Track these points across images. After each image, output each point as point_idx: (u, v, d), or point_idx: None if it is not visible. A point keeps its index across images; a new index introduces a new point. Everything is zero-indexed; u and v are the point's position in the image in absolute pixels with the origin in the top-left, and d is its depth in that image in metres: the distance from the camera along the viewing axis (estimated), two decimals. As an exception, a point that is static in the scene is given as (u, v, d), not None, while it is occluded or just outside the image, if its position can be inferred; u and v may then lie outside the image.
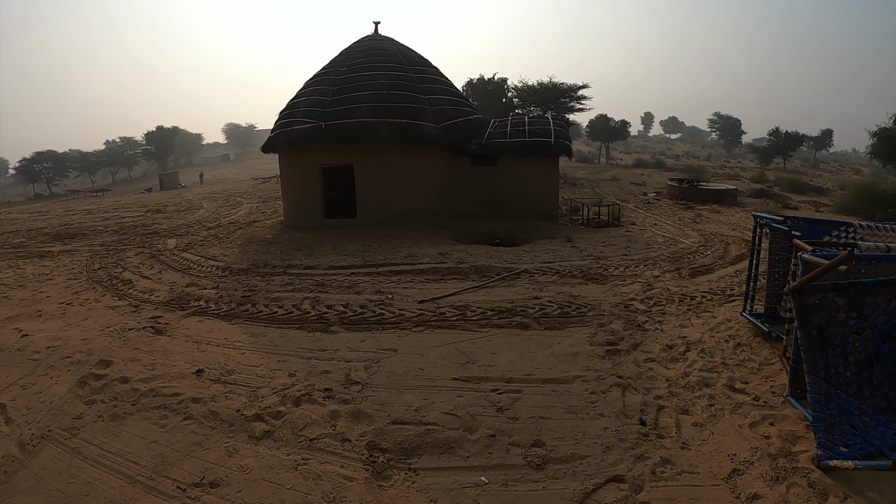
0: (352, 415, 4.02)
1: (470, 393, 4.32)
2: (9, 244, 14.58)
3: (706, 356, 5.01)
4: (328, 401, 4.27)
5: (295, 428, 3.87)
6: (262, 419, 4.01)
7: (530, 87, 40.14)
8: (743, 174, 40.27)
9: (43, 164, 66.15)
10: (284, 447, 3.64)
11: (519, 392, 4.29)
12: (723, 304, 6.78)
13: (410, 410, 4.06)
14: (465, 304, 6.63)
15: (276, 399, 4.33)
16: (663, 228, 14.07)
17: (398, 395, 4.35)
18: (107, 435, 3.93)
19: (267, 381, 4.74)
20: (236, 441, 3.74)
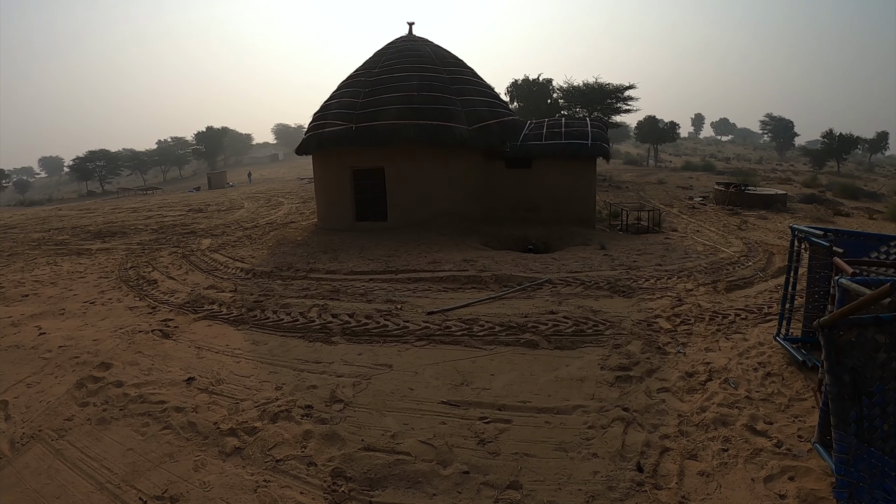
0: (325, 437, 3.79)
1: (454, 420, 3.98)
2: (52, 241, 15.04)
3: (729, 387, 4.45)
4: (305, 419, 4.06)
5: (265, 446, 3.72)
6: (236, 434, 3.89)
7: (576, 87, 39.37)
8: (794, 178, 38.51)
9: (96, 162, 68.85)
10: (250, 466, 3.51)
11: (508, 422, 3.90)
12: (758, 324, 6.11)
13: (386, 436, 3.77)
14: (474, 318, 6.26)
15: (256, 413, 4.18)
16: (706, 235, 13.38)
17: (379, 417, 4.07)
18: (90, 439, 3.97)
19: (253, 392, 4.61)
20: (206, 455, 3.66)
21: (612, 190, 26.75)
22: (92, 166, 68.33)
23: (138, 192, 49.04)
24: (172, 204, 26.48)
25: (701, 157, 67.28)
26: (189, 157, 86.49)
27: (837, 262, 3.67)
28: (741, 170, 43.11)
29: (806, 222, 16.80)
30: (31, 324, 7.05)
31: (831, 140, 50.73)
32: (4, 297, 8.63)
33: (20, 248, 13.89)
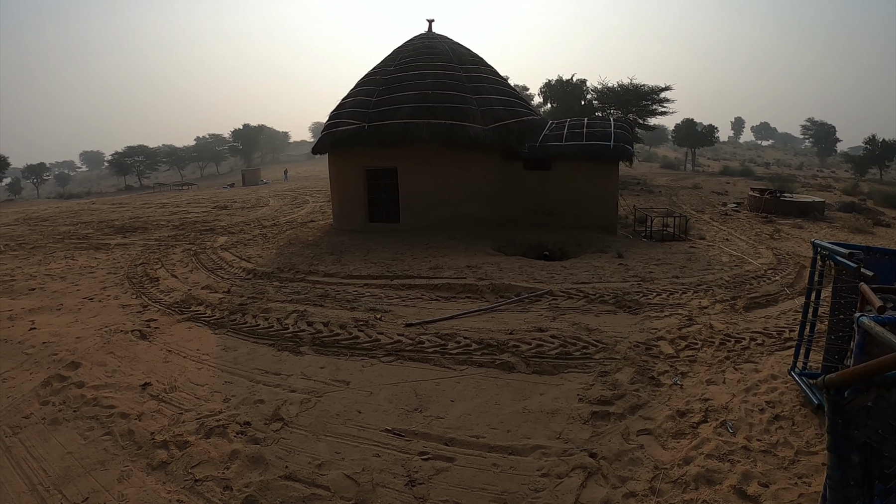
0: (250, 459, 3.53)
1: (391, 452, 3.57)
2: (76, 235, 15.30)
3: (726, 432, 3.78)
4: (239, 437, 3.82)
5: (189, 464, 3.54)
6: (167, 447, 3.76)
7: (610, 88, 38.42)
8: (835, 185, 36.92)
9: (135, 157, 70.84)
10: (170, 483, 3.36)
11: (450, 461, 3.44)
12: (774, 351, 5.38)
13: (312, 465, 3.45)
14: (453, 333, 5.81)
15: (194, 426, 4.01)
16: (734, 245, 12.67)
17: (313, 442, 3.73)
18: (39, 439, 3.97)
19: (200, 403, 4.42)
20: (134, 466, 3.57)
21: (643, 194, 25.96)
22: (131, 161, 70.55)
23: (173, 187, 50.17)
24: (201, 200, 26.80)
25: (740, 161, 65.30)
26: (226, 153, 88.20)
27: (864, 290, 2.95)
28: (780, 175, 41.63)
29: (843, 233, 15.91)
30: (26, 318, 7.06)
31: (874, 146, 48.67)
32: (12, 290, 8.67)
33: (44, 241, 14.12)
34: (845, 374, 1.91)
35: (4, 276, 9.73)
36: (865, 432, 1.94)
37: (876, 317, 2.38)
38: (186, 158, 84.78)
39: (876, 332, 2.24)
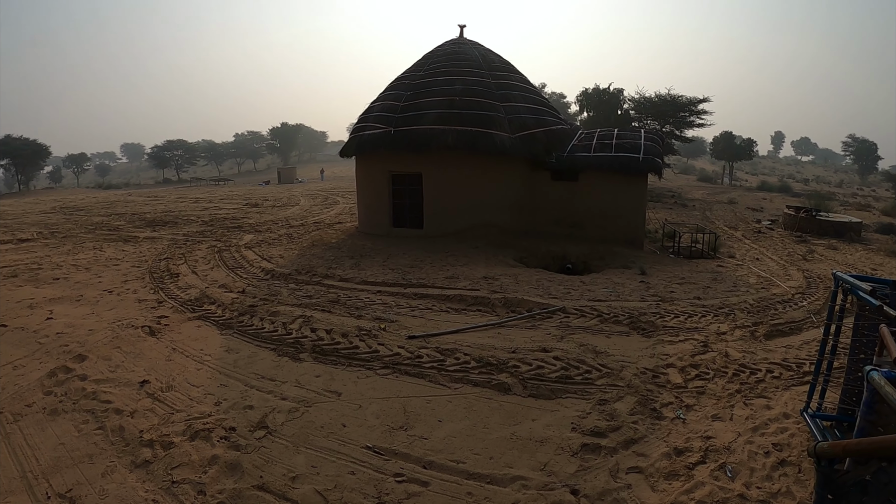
0: (229, 465, 3.54)
1: (367, 471, 3.50)
2: (108, 226, 15.67)
3: (724, 476, 3.51)
4: (221, 442, 3.83)
5: (170, 465, 3.59)
6: (152, 446, 3.82)
7: (647, 99, 37.83)
8: (875, 204, 35.60)
9: (174, 151, 72.52)
10: (149, 482, 3.42)
11: (425, 485, 3.33)
12: (791, 386, 5.04)
13: (287, 477, 3.42)
14: (454, 348, 5.69)
15: (181, 427, 4.05)
16: (764, 265, 12.26)
17: (292, 453, 3.70)
18: (37, 427, 4.09)
19: (192, 404, 4.46)
20: (119, 463, 3.64)
21: (676, 208, 25.45)
22: (169, 155, 72.20)
23: (210, 182, 51.16)
24: (235, 197, 27.21)
25: (778, 177, 63.80)
26: (264, 151, 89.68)
27: (884, 334, 2.58)
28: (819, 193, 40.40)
29: (879, 256, 15.31)
30: (45, 307, 7.22)
31: None
32: (37, 278, 8.88)
33: (76, 231, 14.48)
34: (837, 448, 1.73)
35: (32, 264, 9.98)
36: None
37: (888, 372, 2.10)
38: (225, 154, 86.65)
39: (885, 392, 1.94)
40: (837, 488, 1.72)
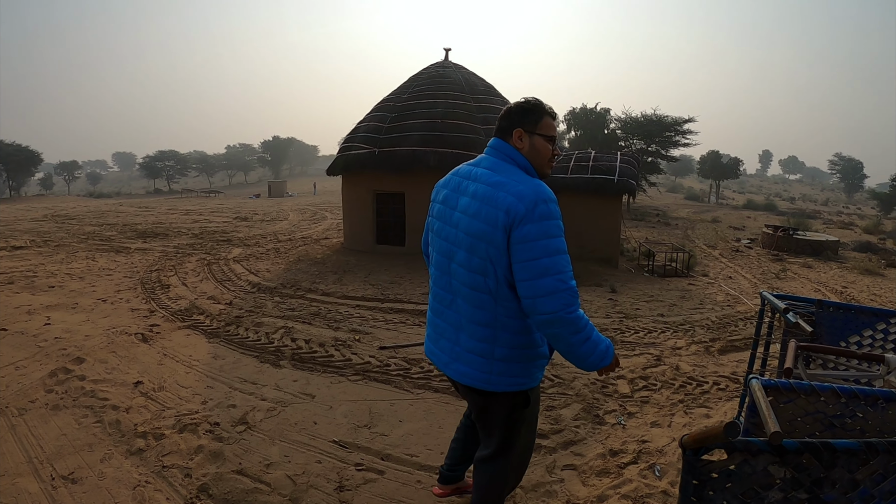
0: (212, 454, 3.97)
1: (332, 460, 3.96)
2: (100, 236, 15.97)
3: (653, 475, 3.84)
4: (207, 435, 4.27)
5: (161, 452, 3.99)
6: (145, 437, 4.21)
7: (634, 118, 38.67)
8: (858, 222, 36.32)
9: (165, 162, 72.75)
10: (142, 467, 3.81)
11: (380, 474, 3.80)
12: (734, 397, 5.42)
13: (262, 464, 3.86)
14: (420, 358, 6.17)
15: (172, 422, 4.47)
16: (736, 283, 12.80)
17: (268, 445, 4.16)
18: (40, 420, 4.44)
19: (181, 403, 4.88)
20: (116, 451, 4.01)
21: (659, 226, 26.02)
22: (161, 165, 72.53)
23: (201, 193, 51.47)
24: (225, 209, 27.52)
25: (765, 195, 64.79)
26: (255, 163, 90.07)
27: (790, 348, 2.86)
28: (804, 211, 41.23)
29: (852, 274, 15.90)
30: (43, 313, 7.59)
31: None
32: (34, 286, 9.24)
33: (69, 240, 14.79)
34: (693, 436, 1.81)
35: (28, 271, 10.35)
36: (723, 495, 1.78)
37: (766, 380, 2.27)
38: (216, 166, 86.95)
39: (755, 396, 2.07)
40: (700, 475, 2.06)
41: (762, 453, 1.69)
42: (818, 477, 1.71)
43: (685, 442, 1.79)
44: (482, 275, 2.29)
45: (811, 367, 3.51)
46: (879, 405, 2.05)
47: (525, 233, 2.14)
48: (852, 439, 1.69)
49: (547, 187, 2.24)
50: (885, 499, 1.71)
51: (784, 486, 1.73)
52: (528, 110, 2.37)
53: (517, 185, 2.22)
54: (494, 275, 2.26)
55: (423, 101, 14.18)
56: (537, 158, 2.37)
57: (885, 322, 3.55)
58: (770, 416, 1.77)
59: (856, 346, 3.58)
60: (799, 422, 2.10)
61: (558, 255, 2.14)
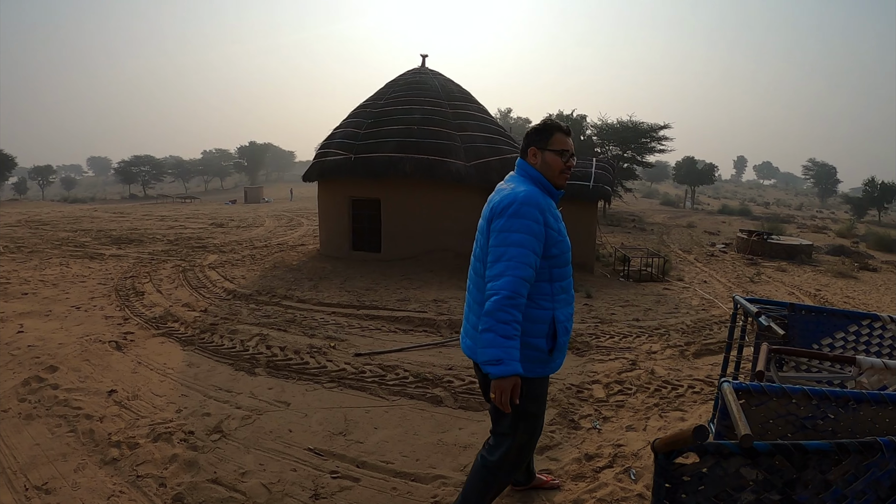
0: (187, 463, 3.96)
1: (307, 468, 3.97)
2: (74, 242, 15.78)
3: (628, 479, 3.86)
4: (181, 443, 4.25)
5: (135, 462, 3.97)
6: (119, 446, 4.19)
7: (609, 125, 39.13)
8: (832, 226, 37.09)
9: (141, 167, 71.95)
10: (116, 476, 3.79)
11: (356, 481, 3.81)
12: (708, 400, 5.45)
13: (237, 473, 3.86)
14: (396, 365, 6.21)
15: (146, 431, 4.44)
16: (711, 287, 12.96)
17: (243, 453, 4.15)
18: (13, 430, 4.41)
19: (155, 411, 4.86)
20: (90, 460, 3.99)
21: (635, 232, 26.28)
22: (136, 170, 71.65)
23: (176, 199, 51.07)
24: (201, 215, 27.29)
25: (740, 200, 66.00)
26: (231, 169, 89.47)
27: (762, 351, 2.89)
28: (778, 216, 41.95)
29: (826, 277, 16.20)
30: (15, 321, 7.50)
31: (873, 188, 49.54)
32: (6, 293, 9.13)
33: (43, 246, 14.64)
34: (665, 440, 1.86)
35: (0, 278, 10.21)
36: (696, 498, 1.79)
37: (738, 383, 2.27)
38: (192, 171, 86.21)
39: (726, 400, 2.10)
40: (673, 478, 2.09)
41: (734, 456, 1.71)
42: (790, 478, 1.73)
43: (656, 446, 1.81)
44: (480, 262, 2.73)
45: (784, 369, 3.53)
46: (850, 406, 2.09)
47: (497, 224, 2.53)
48: (824, 440, 1.72)
49: (535, 195, 2.57)
50: (858, 498, 1.73)
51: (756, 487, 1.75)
52: (539, 130, 2.73)
53: (511, 190, 2.61)
54: (484, 262, 2.64)
55: (399, 108, 14.22)
56: (548, 171, 2.70)
57: (856, 324, 3.62)
58: (740, 420, 1.80)
59: (828, 348, 3.63)
60: (771, 424, 2.14)
61: (514, 248, 2.45)
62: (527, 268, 2.45)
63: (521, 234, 2.47)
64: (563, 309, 2.73)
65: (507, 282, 2.41)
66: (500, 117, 67.41)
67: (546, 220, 2.59)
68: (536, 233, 2.51)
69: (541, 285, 2.64)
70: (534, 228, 2.50)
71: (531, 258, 2.48)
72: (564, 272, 2.74)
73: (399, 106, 14.30)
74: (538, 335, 2.62)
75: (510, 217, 2.50)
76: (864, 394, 2.10)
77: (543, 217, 2.57)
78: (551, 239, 2.61)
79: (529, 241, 2.48)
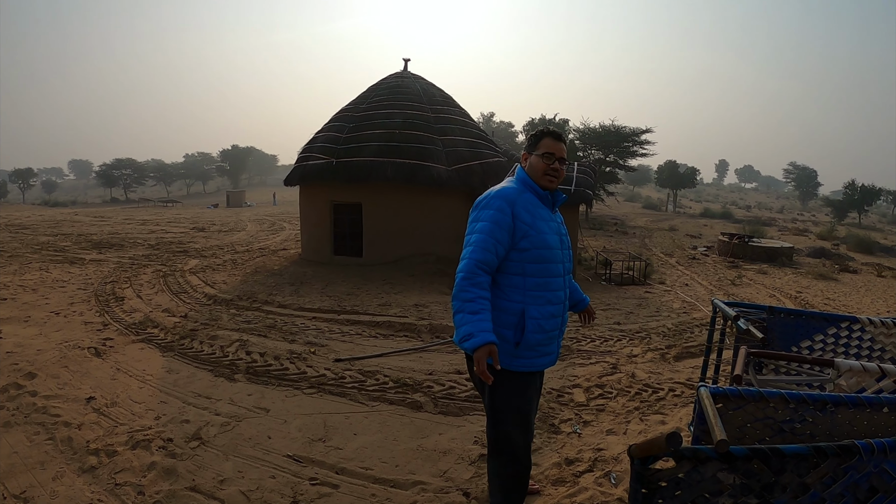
0: (165, 470, 3.94)
1: (286, 475, 3.96)
2: (54, 247, 15.62)
3: (608, 483, 3.84)
4: (160, 451, 4.23)
5: (114, 470, 3.95)
6: (98, 454, 4.16)
7: (592, 129, 39.38)
8: (813, 229, 37.60)
9: (122, 170, 71.27)
10: (95, 485, 3.76)
11: (335, 487, 3.81)
12: (689, 403, 5.46)
13: (216, 480, 3.85)
14: (376, 370, 6.21)
15: (124, 438, 4.41)
16: (693, 290, 13.08)
17: (222, 460, 4.14)
18: None
19: (134, 419, 4.83)
20: (68, 468, 3.96)
21: (617, 235, 26.44)
22: (118, 174, 70.89)
23: (158, 203, 50.56)
24: (182, 219, 27.09)
25: (722, 204, 66.72)
26: (213, 173, 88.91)
27: (741, 354, 2.92)
28: (759, 219, 42.40)
29: (807, 279, 16.43)
30: (-6, 327, 7.38)
31: (853, 191, 50.43)
32: (-15, 298, 8.93)
33: (23, 251, 14.45)
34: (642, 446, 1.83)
35: (-21, 284, 10.04)
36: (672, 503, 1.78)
37: (715, 388, 2.29)
38: (174, 175, 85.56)
39: (703, 405, 2.13)
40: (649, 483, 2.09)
41: (710, 461, 1.71)
42: (768, 482, 1.73)
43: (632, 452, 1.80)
44: None
45: (763, 372, 3.60)
46: (828, 409, 2.11)
47: (470, 217, 2.81)
48: (801, 444, 1.72)
49: (510, 191, 2.77)
50: (836, 501, 1.73)
51: (734, 492, 1.75)
52: (532, 136, 2.92)
53: (492, 189, 2.84)
54: None
55: (381, 112, 14.24)
56: (533, 173, 2.86)
57: (835, 326, 3.64)
58: (717, 425, 1.81)
59: (807, 350, 3.66)
60: (749, 428, 2.16)
61: (475, 234, 2.68)
62: (484, 252, 2.62)
63: (485, 222, 2.67)
64: (538, 307, 2.75)
65: (464, 264, 2.63)
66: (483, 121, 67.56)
67: (516, 212, 2.71)
68: (499, 221, 2.66)
69: (513, 278, 2.74)
70: (497, 217, 2.66)
71: (490, 243, 2.64)
72: (543, 269, 2.77)
73: (381, 110, 14.32)
74: (505, 326, 2.69)
75: (480, 209, 2.76)
76: (841, 397, 2.12)
77: (512, 209, 2.70)
78: (520, 230, 2.70)
79: (491, 227, 2.65)
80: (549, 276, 2.80)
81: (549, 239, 2.79)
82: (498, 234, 2.64)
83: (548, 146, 2.82)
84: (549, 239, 2.79)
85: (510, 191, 2.76)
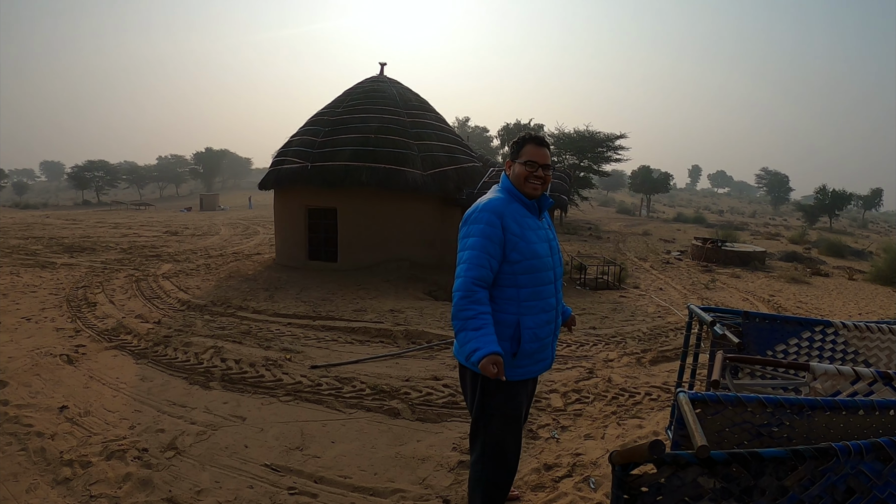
0: (141, 481, 3.90)
1: (263, 485, 3.95)
2: (24, 250, 15.33)
3: (587, 488, 3.88)
4: (135, 462, 4.19)
5: (88, 481, 3.91)
6: (72, 465, 4.11)
7: (566, 134, 39.77)
8: (784, 233, 38.37)
9: (94, 172, 70.04)
10: (69, 497, 3.71)
11: (314, 497, 3.81)
12: (665, 407, 5.53)
13: (192, 491, 3.82)
14: (352, 377, 6.21)
15: (99, 449, 4.36)
16: (667, 294, 13.24)
17: (199, 471, 4.11)
18: None
19: (108, 428, 4.77)
20: (41, 480, 3.91)
21: (591, 240, 26.66)
22: (90, 176, 69.62)
23: (131, 206, 49.73)
24: (155, 223, 26.71)
25: (695, 208, 67.80)
26: (187, 176, 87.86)
27: (717, 359, 2.92)
28: (732, 223, 43.14)
29: (779, 283, 16.70)
30: (-36, 333, 7.23)
31: (824, 196, 51.62)
32: (-45, 304, 8.75)
33: (-8, 255, 14.01)
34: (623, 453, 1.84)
35: (-51, 289, 9.82)
36: None
37: (693, 393, 2.31)
38: (147, 177, 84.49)
39: (682, 410, 2.14)
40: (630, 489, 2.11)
41: (690, 466, 1.72)
42: (747, 485, 1.75)
43: (613, 458, 1.81)
44: None
45: (739, 376, 3.66)
46: (805, 413, 2.13)
47: (460, 233, 2.81)
48: (779, 447, 1.74)
49: (498, 203, 2.77)
50: (814, 503, 1.76)
51: (714, 496, 1.76)
52: (514, 143, 2.93)
53: (479, 201, 2.84)
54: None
55: (356, 116, 14.21)
56: (516, 181, 2.85)
57: (809, 330, 3.66)
58: (697, 430, 1.83)
59: (782, 354, 3.70)
60: (727, 432, 2.18)
61: (467, 251, 2.70)
62: (479, 268, 2.65)
63: (475, 237, 2.68)
64: (532, 316, 2.79)
65: (460, 283, 2.67)
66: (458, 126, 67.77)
67: (505, 224, 2.72)
68: (489, 234, 2.67)
69: (507, 290, 2.76)
70: (487, 231, 2.67)
71: (483, 258, 2.66)
72: (534, 279, 2.79)
73: (356, 114, 14.30)
74: (502, 338, 2.70)
75: (469, 224, 2.75)
76: (818, 400, 2.15)
77: (502, 221, 2.70)
78: (510, 243, 2.71)
79: (483, 242, 2.66)
80: (541, 285, 2.83)
81: (538, 248, 2.81)
82: (490, 248, 2.67)
83: (530, 153, 2.82)
84: (539, 248, 2.81)
85: (497, 202, 2.76)
